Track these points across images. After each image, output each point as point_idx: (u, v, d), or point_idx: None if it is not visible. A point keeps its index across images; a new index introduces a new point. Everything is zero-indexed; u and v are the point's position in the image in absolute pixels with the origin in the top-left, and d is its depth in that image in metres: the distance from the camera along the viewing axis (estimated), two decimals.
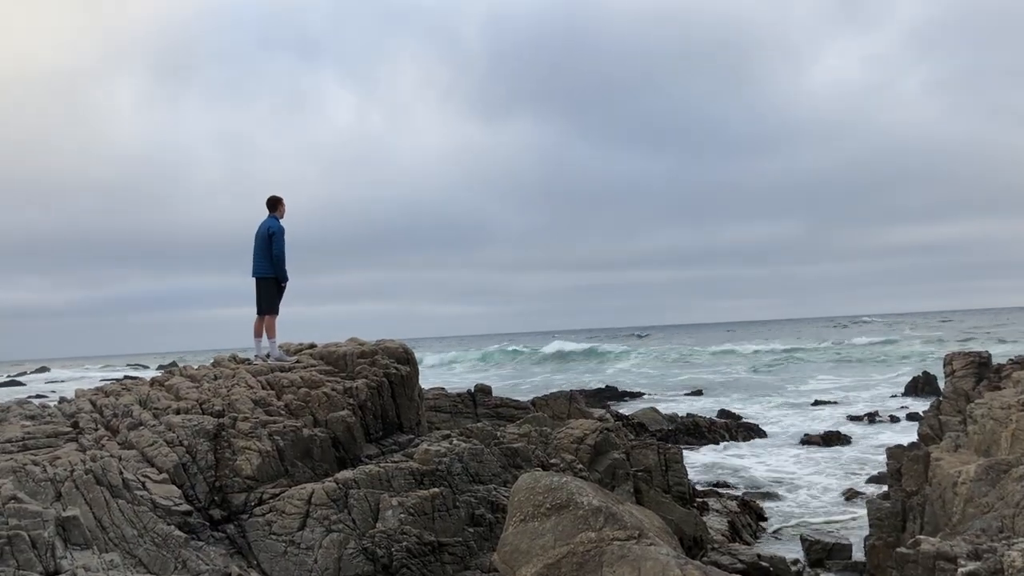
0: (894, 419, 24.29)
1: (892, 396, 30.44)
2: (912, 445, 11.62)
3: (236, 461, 8.93)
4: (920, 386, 30.07)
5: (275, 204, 11.53)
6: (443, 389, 15.28)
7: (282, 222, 11.59)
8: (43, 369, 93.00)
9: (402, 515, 8.40)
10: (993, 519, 6.43)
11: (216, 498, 8.71)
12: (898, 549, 6.22)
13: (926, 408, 24.81)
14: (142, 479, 8.49)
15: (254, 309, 11.84)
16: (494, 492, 9.35)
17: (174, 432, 9.24)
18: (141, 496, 8.15)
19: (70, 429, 10.05)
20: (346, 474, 8.84)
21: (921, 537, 5.93)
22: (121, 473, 8.33)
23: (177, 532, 7.85)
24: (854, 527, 12.48)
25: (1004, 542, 5.70)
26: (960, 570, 5.42)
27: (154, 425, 9.52)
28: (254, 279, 11.72)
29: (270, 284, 11.55)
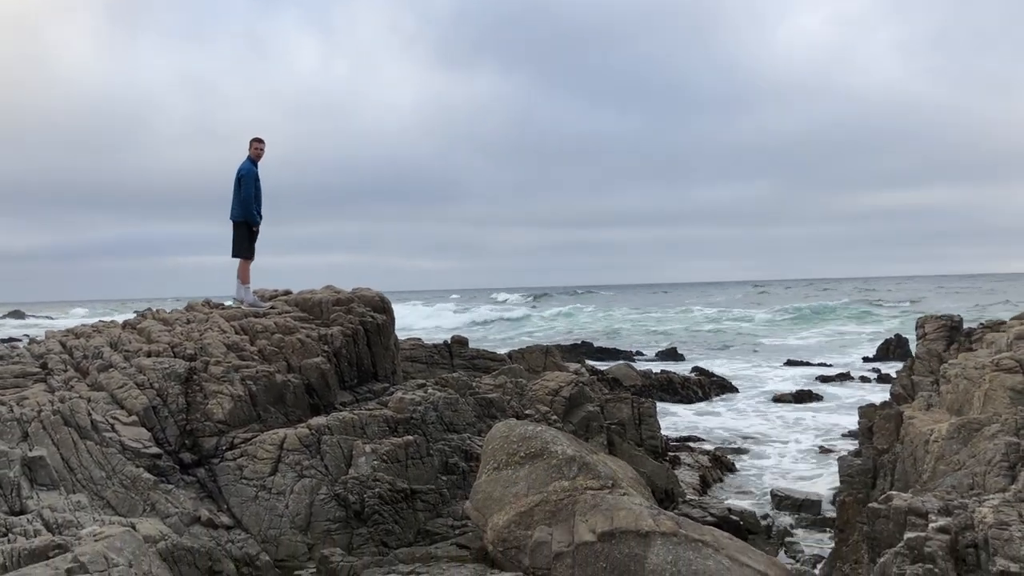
0: (865, 380, 24.54)
1: (864, 358, 30.73)
2: (884, 404, 11.70)
3: (207, 405, 8.83)
4: (892, 349, 30.35)
5: (250, 145, 11.26)
6: (419, 340, 15.20)
7: (259, 165, 11.33)
8: (17, 314, 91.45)
9: (375, 462, 8.35)
10: (964, 476, 6.46)
11: (187, 442, 8.63)
12: (869, 504, 6.24)
13: (898, 370, 25.11)
14: (111, 421, 8.38)
15: (228, 256, 11.65)
16: (468, 441, 9.32)
17: (145, 375, 9.12)
18: (110, 438, 8.05)
19: (39, 370, 9.90)
20: (319, 420, 8.77)
21: (893, 492, 5.95)
22: (90, 415, 8.21)
23: (146, 475, 7.77)
24: (823, 484, 12.60)
25: (975, 499, 5.72)
26: (931, 525, 5.43)
27: (125, 367, 9.38)
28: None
29: (242, 228, 11.33)
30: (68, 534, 6.28)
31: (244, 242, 11.37)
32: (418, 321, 59.45)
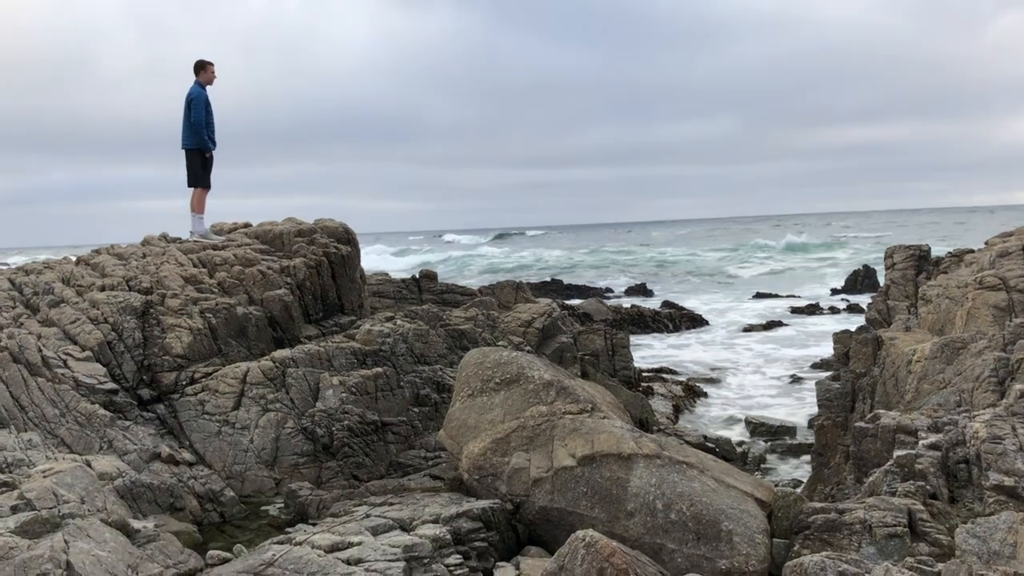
0: (834, 310, 24.60)
1: (832, 290, 30.84)
2: (860, 328, 11.61)
3: (166, 339, 8.44)
4: (860, 280, 30.45)
5: (198, 69, 10.64)
6: (386, 274, 14.82)
7: (209, 89, 10.76)
8: None
9: (343, 394, 8.05)
10: (951, 394, 6.30)
11: (145, 377, 8.25)
12: (855, 423, 6.07)
13: (866, 300, 25.22)
14: (63, 357, 7.98)
15: (184, 200, 11.13)
16: (440, 372, 9.05)
17: (98, 309, 8.69)
18: (62, 374, 7.65)
19: None
20: (284, 353, 8.42)
21: (880, 412, 5.77)
22: (40, 351, 7.80)
23: (102, 411, 7.40)
24: (797, 411, 12.54)
25: (965, 415, 5.55)
26: (921, 442, 5.27)
27: (77, 303, 8.94)
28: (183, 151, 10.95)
29: (194, 156, 10.79)
30: (19, 473, 5.93)
31: (198, 170, 10.83)
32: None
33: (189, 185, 10.90)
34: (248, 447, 7.64)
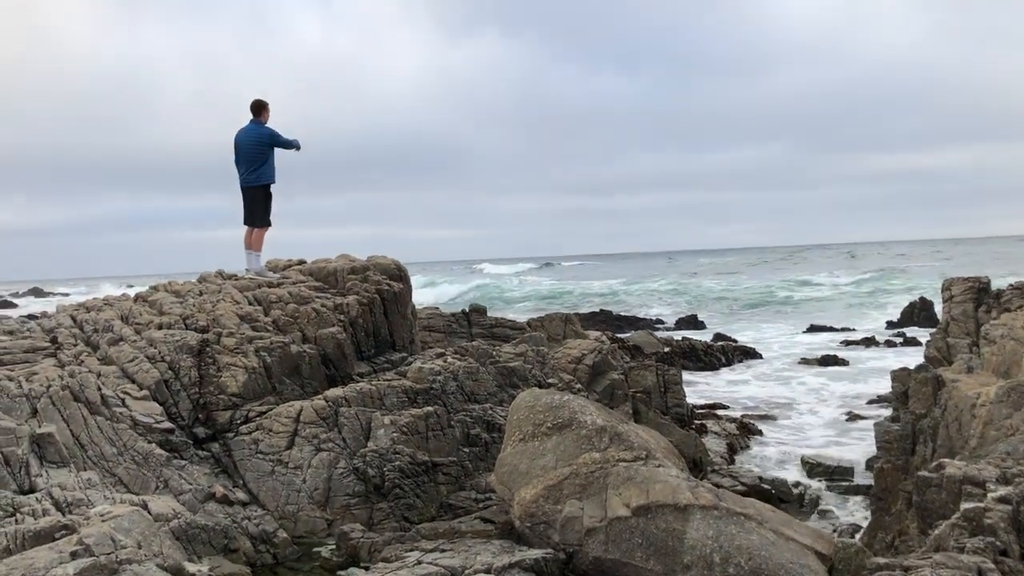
0: (891, 344, 24.06)
1: (888, 323, 30.20)
2: (920, 367, 11.30)
3: (221, 378, 8.55)
4: (917, 312, 29.79)
5: (260, 108, 10.86)
6: (437, 308, 14.88)
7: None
8: (37, 291, 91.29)
9: (394, 434, 8.06)
10: (1019, 442, 6.09)
11: (200, 416, 8.36)
12: (919, 472, 5.88)
13: (922, 334, 24.63)
14: (122, 396, 8.12)
15: (239, 231, 11.32)
16: (490, 411, 9.01)
17: (156, 348, 8.84)
18: (120, 413, 7.78)
19: (48, 345, 9.64)
20: (336, 391, 8.47)
21: (945, 461, 5.60)
22: (100, 389, 7.95)
23: (158, 450, 7.51)
24: (855, 450, 12.24)
25: None
26: (990, 495, 5.09)
27: (135, 341, 9.11)
28: (241, 188, 11.13)
29: (259, 193, 10.98)
30: (78, 513, 6.02)
31: (262, 208, 11.03)
32: None
33: (251, 224, 11.05)
34: (301, 487, 7.68)
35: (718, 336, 25.76)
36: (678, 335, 25.75)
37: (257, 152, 10.83)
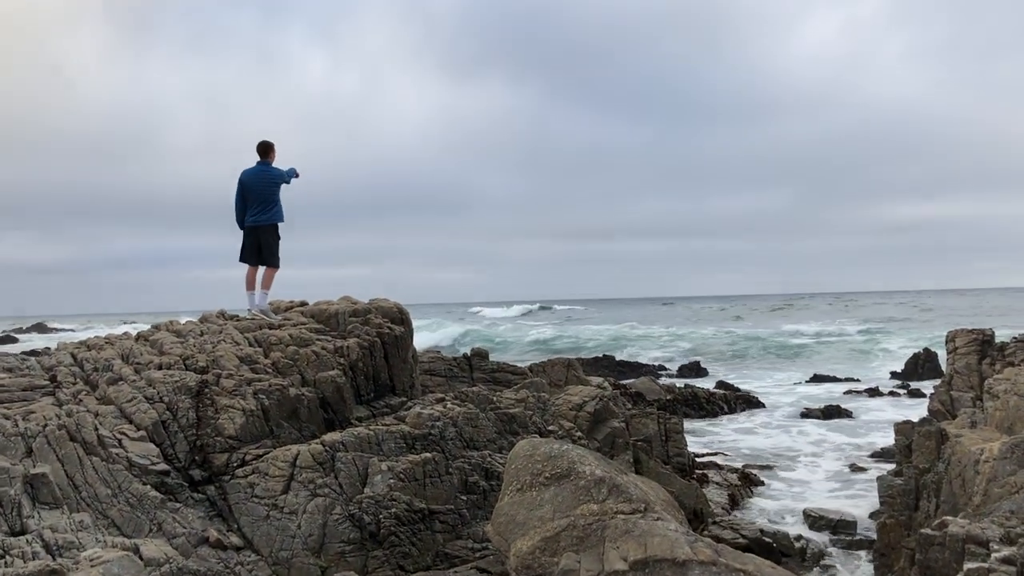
0: (895, 394, 23.93)
1: (892, 373, 30.08)
2: (923, 421, 11.22)
3: (219, 420, 8.49)
4: (921, 363, 29.67)
5: (267, 149, 10.99)
6: (438, 352, 14.83)
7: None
8: (41, 327, 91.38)
9: (391, 480, 7.98)
10: None
11: (197, 458, 8.28)
12: (922, 531, 5.80)
13: (926, 385, 24.49)
14: (118, 436, 8.06)
15: (242, 270, 11.37)
16: (489, 459, 8.93)
17: (155, 388, 8.80)
18: (116, 454, 7.72)
19: (47, 383, 9.60)
20: (334, 436, 8.40)
21: (947, 518, 5.52)
22: (96, 429, 7.90)
23: (153, 492, 7.43)
24: (858, 503, 12.11)
25: None
26: (994, 555, 5.01)
27: (135, 380, 9.07)
28: (248, 228, 11.17)
29: (270, 233, 11.06)
30: (68, 556, 5.95)
31: (275, 247, 11.14)
32: None
33: (264, 263, 11.08)
34: (296, 533, 7.58)
35: (720, 384, 25.64)
36: (680, 382, 25.64)
37: (269, 193, 10.95)
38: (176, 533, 7.15)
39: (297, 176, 11.35)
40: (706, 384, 26.42)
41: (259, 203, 10.98)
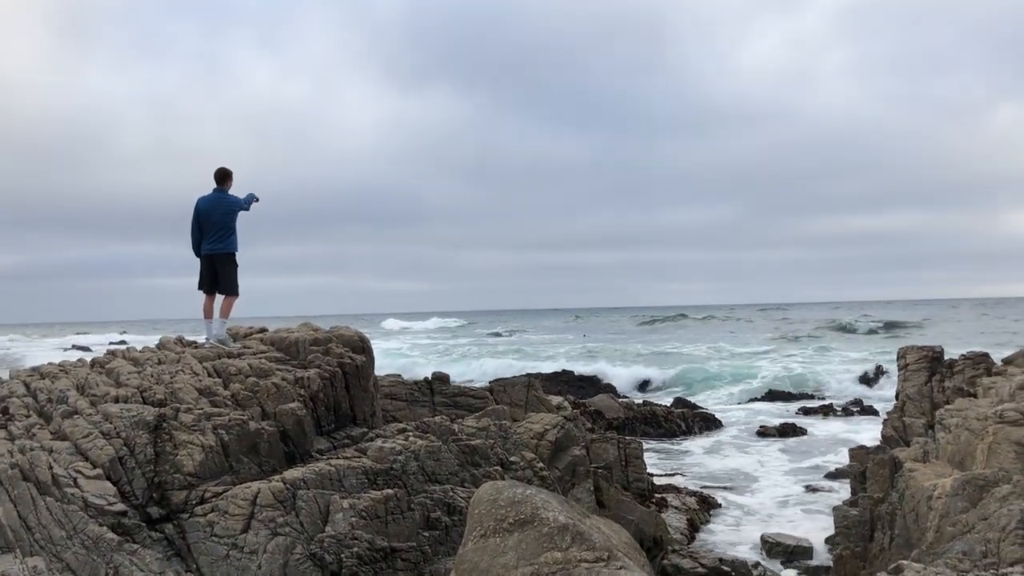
0: (848, 412, 24.35)
1: (844, 385, 30.59)
2: (877, 448, 11.45)
3: (177, 456, 8.37)
4: (873, 378, 30.26)
5: (224, 177, 10.93)
6: (399, 376, 14.79)
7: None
8: None
9: (353, 518, 7.94)
10: (976, 542, 6.16)
11: (155, 495, 8.16)
12: (878, 575, 5.92)
13: (878, 400, 24.92)
14: (74, 475, 7.91)
15: (194, 280, 11.32)
16: (451, 493, 8.93)
17: (111, 423, 8.65)
18: (72, 494, 7.58)
19: None
20: (295, 473, 8.33)
21: (903, 563, 5.64)
22: (51, 467, 7.75)
23: (110, 534, 7.30)
24: (813, 527, 12.30)
25: (992, 571, 5.42)
26: None
27: (90, 414, 8.91)
28: (204, 256, 11.09)
29: (230, 262, 11.01)
30: None
31: (235, 278, 11.12)
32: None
33: (224, 293, 11.04)
34: (256, 573, 7.50)
35: (678, 401, 25.88)
36: (639, 398, 25.83)
37: (225, 220, 10.88)
38: None
39: (257, 201, 11.33)
40: (664, 400, 26.67)
41: (215, 231, 10.91)
